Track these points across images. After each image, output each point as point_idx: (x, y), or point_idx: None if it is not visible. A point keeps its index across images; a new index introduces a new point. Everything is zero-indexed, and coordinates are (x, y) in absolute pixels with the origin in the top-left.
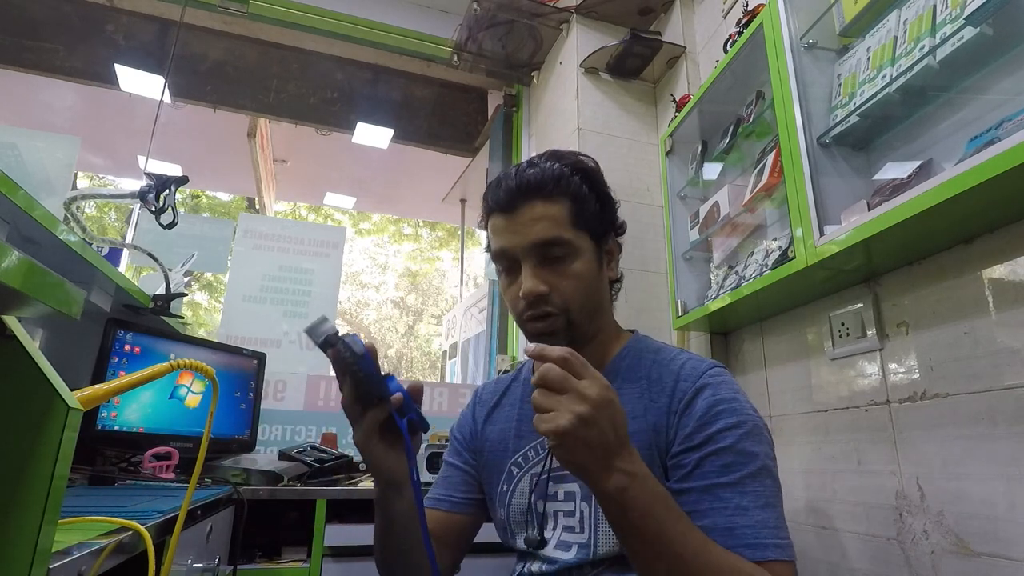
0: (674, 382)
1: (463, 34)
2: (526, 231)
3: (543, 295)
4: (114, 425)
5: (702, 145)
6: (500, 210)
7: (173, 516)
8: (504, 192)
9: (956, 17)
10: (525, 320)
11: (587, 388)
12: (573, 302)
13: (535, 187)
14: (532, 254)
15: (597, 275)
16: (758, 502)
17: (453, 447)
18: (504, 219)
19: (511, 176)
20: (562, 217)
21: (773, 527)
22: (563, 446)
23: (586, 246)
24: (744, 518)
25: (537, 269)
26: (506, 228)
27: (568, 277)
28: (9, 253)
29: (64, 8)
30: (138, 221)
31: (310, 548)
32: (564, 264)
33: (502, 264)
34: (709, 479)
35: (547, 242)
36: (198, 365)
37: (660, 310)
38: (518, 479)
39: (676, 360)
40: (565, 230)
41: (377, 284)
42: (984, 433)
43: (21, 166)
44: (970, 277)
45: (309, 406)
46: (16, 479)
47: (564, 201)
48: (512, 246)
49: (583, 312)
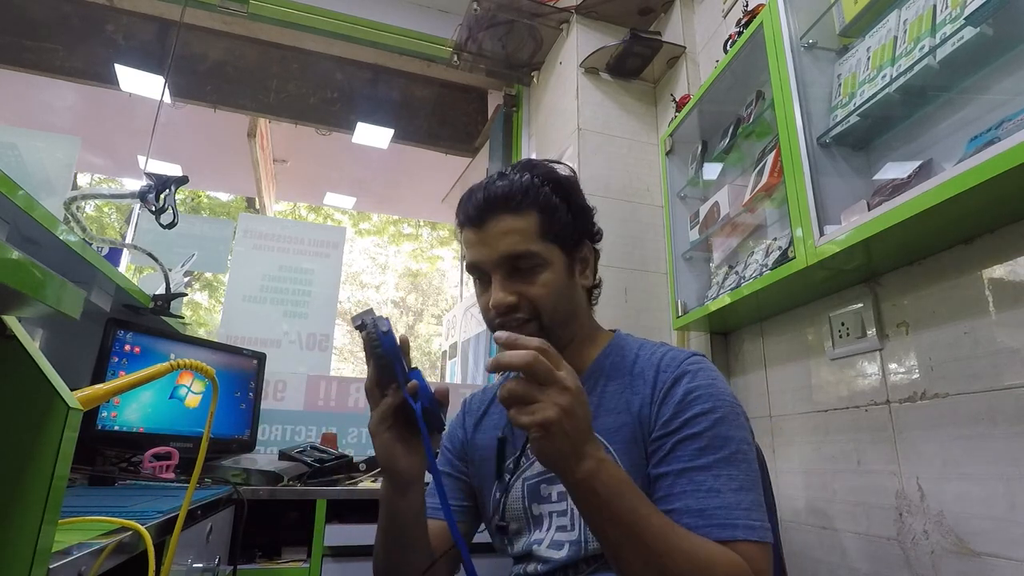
0: (655, 373)
1: (463, 34)
2: (495, 244)
3: (512, 305)
4: (114, 425)
5: (702, 145)
6: (470, 224)
7: (173, 516)
8: (473, 206)
9: (956, 17)
10: (496, 327)
11: (567, 379)
12: (543, 309)
13: (502, 200)
14: (501, 267)
15: (568, 283)
16: (731, 485)
17: (444, 457)
18: (474, 233)
19: (480, 189)
20: (530, 230)
21: (745, 509)
22: (547, 437)
23: (555, 256)
24: (716, 500)
25: (506, 281)
26: (477, 242)
27: (537, 287)
28: (9, 253)
29: (64, 8)
30: (138, 221)
31: (310, 548)
32: (533, 275)
33: (475, 276)
34: (683, 463)
35: (515, 255)
36: (198, 365)
37: (660, 310)
38: (510, 485)
39: (656, 352)
40: (533, 243)
41: (377, 284)
42: (984, 433)
43: (21, 166)
44: (970, 277)
45: (309, 406)
46: (16, 479)
47: (532, 213)
48: (482, 260)
49: (553, 319)
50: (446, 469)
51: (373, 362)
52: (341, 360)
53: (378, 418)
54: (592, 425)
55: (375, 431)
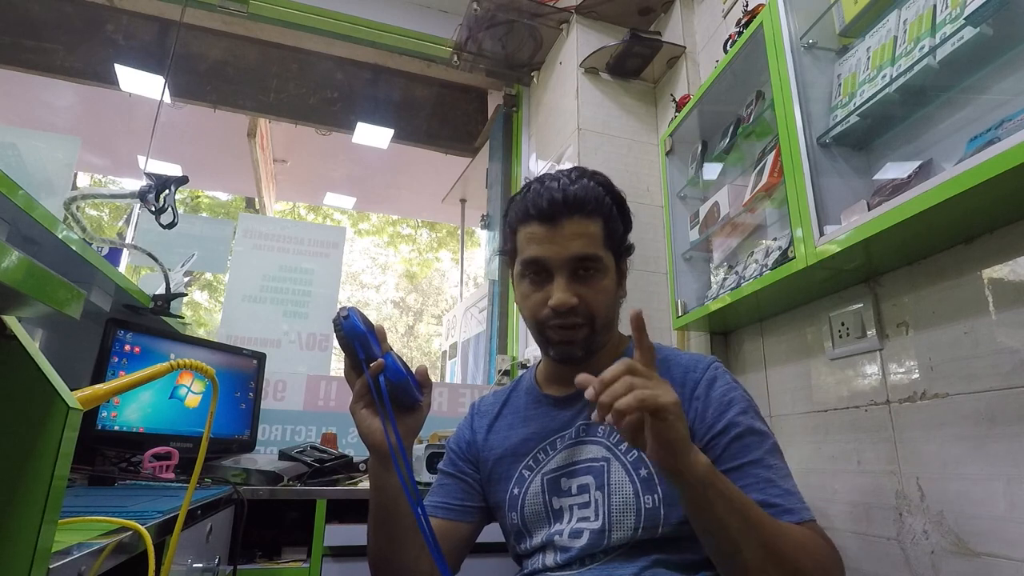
0: (683, 373)
1: (463, 34)
2: (566, 244)
3: (574, 307)
4: (114, 425)
5: (702, 145)
6: (542, 219)
7: (173, 516)
8: (548, 203)
9: (956, 17)
10: (550, 327)
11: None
12: (598, 315)
13: (579, 203)
14: (567, 267)
15: (615, 292)
16: (780, 474)
17: (448, 459)
18: (544, 229)
19: (555, 188)
20: (598, 235)
21: (797, 494)
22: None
23: (611, 265)
24: (775, 489)
25: (570, 282)
26: (545, 238)
27: (597, 292)
28: (9, 253)
29: (64, 8)
30: (138, 221)
31: (310, 548)
32: (594, 280)
33: (531, 270)
34: (738, 459)
35: (584, 258)
36: (198, 365)
37: (660, 310)
38: (530, 481)
39: (675, 355)
40: (599, 248)
41: (377, 284)
42: (984, 433)
43: (21, 166)
44: (970, 277)
45: (309, 406)
46: (16, 479)
47: (599, 221)
48: (549, 256)
49: (603, 324)
50: (449, 470)
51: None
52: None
53: (355, 397)
54: None
55: (353, 410)
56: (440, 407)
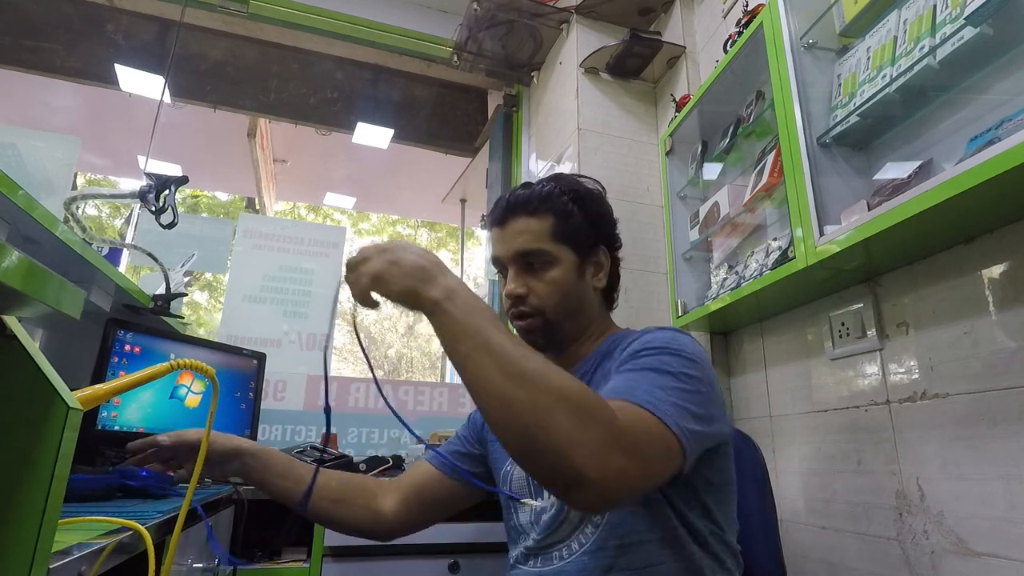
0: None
1: (463, 34)
2: (511, 241)
3: (521, 296)
4: (114, 425)
5: (702, 145)
6: (494, 223)
7: (173, 516)
8: (498, 209)
9: (956, 17)
10: (510, 317)
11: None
12: (547, 304)
13: (523, 203)
14: (515, 261)
15: (576, 283)
16: (655, 383)
17: (458, 436)
18: (497, 231)
19: (507, 195)
20: (543, 231)
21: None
22: (382, 282)
23: (566, 257)
24: (629, 383)
25: (519, 274)
26: (498, 238)
27: (544, 283)
28: (9, 253)
29: (64, 8)
30: (138, 221)
31: (310, 548)
32: (543, 271)
33: (497, 268)
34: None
35: (528, 252)
36: (198, 365)
37: (660, 310)
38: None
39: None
40: (544, 243)
41: None
42: (984, 433)
43: (21, 166)
44: (970, 277)
45: (309, 406)
46: (16, 479)
47: (548, 216)
48: (500, 254)
49: (558, 313)
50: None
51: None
52: (341, 360)
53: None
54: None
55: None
56: (440, 407)
